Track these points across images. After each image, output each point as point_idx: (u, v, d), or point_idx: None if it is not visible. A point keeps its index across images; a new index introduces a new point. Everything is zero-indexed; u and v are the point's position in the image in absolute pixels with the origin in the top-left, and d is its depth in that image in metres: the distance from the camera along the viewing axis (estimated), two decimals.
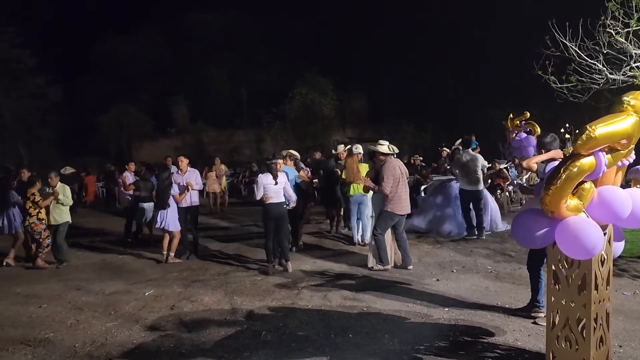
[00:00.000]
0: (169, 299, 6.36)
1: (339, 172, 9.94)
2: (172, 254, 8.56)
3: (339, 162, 10.23)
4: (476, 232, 9.22)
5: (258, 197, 7.48)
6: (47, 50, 26.58)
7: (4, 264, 8.62)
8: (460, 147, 10.02)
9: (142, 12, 32.60)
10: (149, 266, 8.44)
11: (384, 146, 7.46)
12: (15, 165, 22.96)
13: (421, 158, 13.82)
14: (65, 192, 8.67)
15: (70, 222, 8.92)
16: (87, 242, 10.72)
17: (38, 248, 8.56)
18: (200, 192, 10.04)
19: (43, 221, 8.51)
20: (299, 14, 32.87)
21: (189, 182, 8.64)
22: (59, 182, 8.74)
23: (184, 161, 8.93)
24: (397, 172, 7.21)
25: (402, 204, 7.21)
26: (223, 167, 16.07)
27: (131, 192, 10.52)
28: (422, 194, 11.50)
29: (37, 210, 8.43)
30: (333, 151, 11.17)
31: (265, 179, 7.41)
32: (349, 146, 10.70)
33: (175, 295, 6.55)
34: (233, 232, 11.48)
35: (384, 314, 5.37)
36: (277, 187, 7.42)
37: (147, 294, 6.67)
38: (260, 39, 32.12)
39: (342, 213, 10.49)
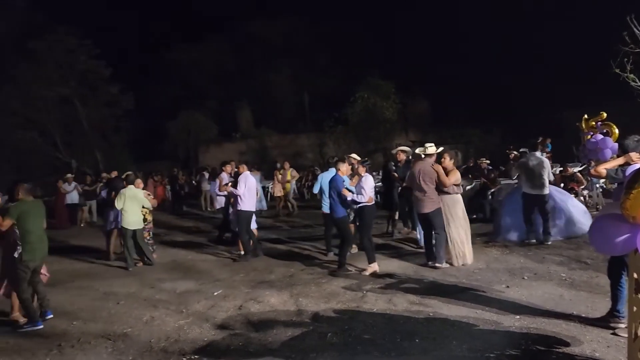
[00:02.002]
0: (236, 299, 6.54)
1: (397, 175, 9.91)
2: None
3: (398, 164, 10.18)
4: (541, 238, 8.88)
5: (366, 199, 7.66)
6: (121, 60, 28.03)
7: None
8: (527, 150, 9.67)
9: (208, 22, 33.64)
10: (216, 267, 8.71)
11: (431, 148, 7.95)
12: (92, 169, 24.49)
13: (488, 161, 13.44)
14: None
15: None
16: (157, 243, 11.19)
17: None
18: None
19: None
20: (361, 17, 32.92)
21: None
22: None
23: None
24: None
25: None
26: (289, 171, 16.06)
27: (226, 192, 10.56)
28: (490, 199, 11.16)
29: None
30: (392, 151, 11.12)
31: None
32: (400, 147, 10.65)
33: (242, 295, 6.71)
34: (297, 235, 11.61)
35: (452, 320, 5.26)
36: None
37: (215, 293, 6.89)
38: (322, 43, 32.37)
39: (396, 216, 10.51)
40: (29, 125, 25.47)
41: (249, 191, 9.07)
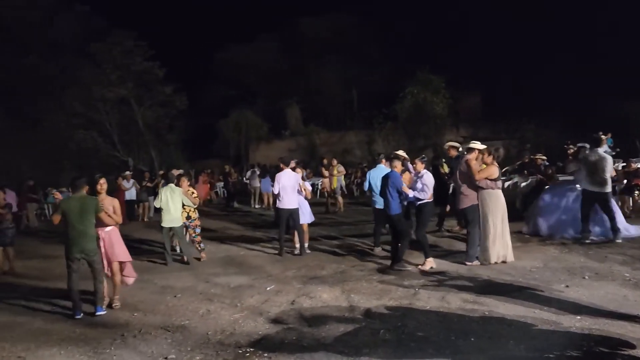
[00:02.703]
0: (289, 294, 6.62)
1: (446, 171, 9.78)
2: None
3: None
4: (611, 235, 8.54)
5: (428, 196, 7.66)
6: (175, 61, 28.85)
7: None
8: (587, 145, 9.29)
9: (258, 20, 34.18)
10: (268, 263, 8.84)
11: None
12: (148, 167, 25.36)
13: (545, 157, 12.98)
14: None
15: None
16: (210, 239, 11.48)
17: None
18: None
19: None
20: (410, 11, 32.52)
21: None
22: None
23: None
24: None
25: None
26: (335, 167, 16.06)
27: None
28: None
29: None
30: (445, 146, 10.95)
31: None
32: (450, 143, 10.44)
33: (294, 291, 6.79)
34: (347, 231, 11.62)
35: (508, 319, 5.13)
36: None
37: (268, 288, 7.00)
38: (371, 39, 32.18)
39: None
40: (90, 125, 26.67)
41: (284, 189, 9.13)
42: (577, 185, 9.31)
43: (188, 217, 9.38)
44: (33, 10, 26.94)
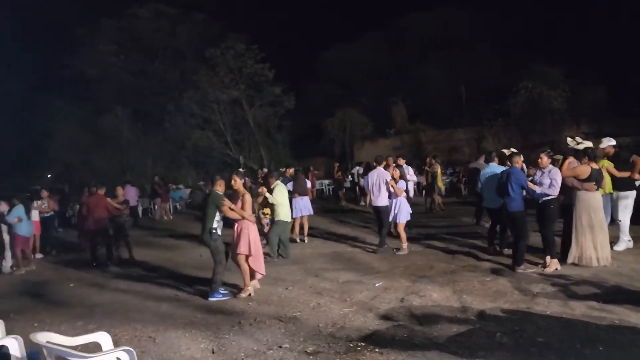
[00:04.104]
0: (397, 292, 6.57)
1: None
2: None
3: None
4: None
5: (556, 192, 7.32)
6: (283, 62, 29.87)
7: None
8: None
9: (364, 18, 34.30)
10: (376, 259, 8.83)
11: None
12: (257, 165, 26.50)
13: None
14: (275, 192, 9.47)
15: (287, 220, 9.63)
16: (318, 235, 11.71)
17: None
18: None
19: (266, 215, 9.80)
20: (521, 1, 30.78)
21: None
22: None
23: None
24: None
25: None
26: (434, 165, 15.40)
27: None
28: None
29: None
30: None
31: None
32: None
33: (403, 288, 6.72)
34: (454, 230, 11.25)
35: None
36: None
37: (377, 285, 6.99)
38: (481, 33, 30.95)
39: None
40: (205, 125, 28.49)
41: (375, 187, 9.25)
42: None
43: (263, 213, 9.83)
44: (159, 20, 29.33)
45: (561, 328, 4.89)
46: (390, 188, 9.15)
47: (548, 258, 7.24)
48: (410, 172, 13.29)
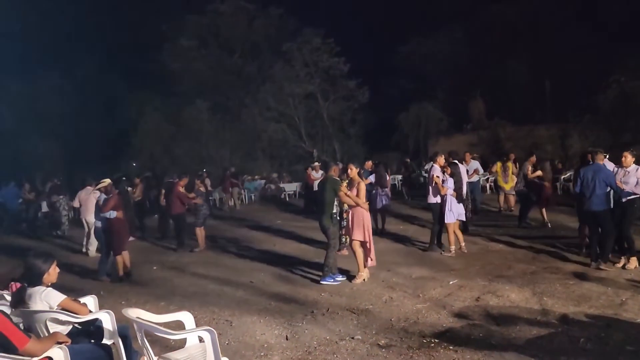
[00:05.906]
0: (473, 291, 6.40)
1: None
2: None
3: None
4: None
5: None
6: (358, 56, 29.78)
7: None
8: None
9: (442, 11, 33.33)
10: (449, 257, 8.63)
11: None
12: (330, 158, 26.67)
13: None
14: None
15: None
16: (392, 230, 11.61)
17: None
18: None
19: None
20: None
21: None
22: None
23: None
24: None
25: None
26: (509, 163, 14.43)
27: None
28: None
29: None
30: None
31: None
32: None
33: (479, 287, 6.54)
34: (534, 232, 10.72)
35: None
36: None
37: (451, 282, 6.85)
38: (569, 23, 29.21)
39: None
40: (280, 118, 29.01)
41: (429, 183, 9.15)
42: None
43: None
44: (237, 15, 30.19)
45: None
46: (434, 184, 8.91)
47: (627, 257, 6.98)
48: (478, 169, 13.16)
